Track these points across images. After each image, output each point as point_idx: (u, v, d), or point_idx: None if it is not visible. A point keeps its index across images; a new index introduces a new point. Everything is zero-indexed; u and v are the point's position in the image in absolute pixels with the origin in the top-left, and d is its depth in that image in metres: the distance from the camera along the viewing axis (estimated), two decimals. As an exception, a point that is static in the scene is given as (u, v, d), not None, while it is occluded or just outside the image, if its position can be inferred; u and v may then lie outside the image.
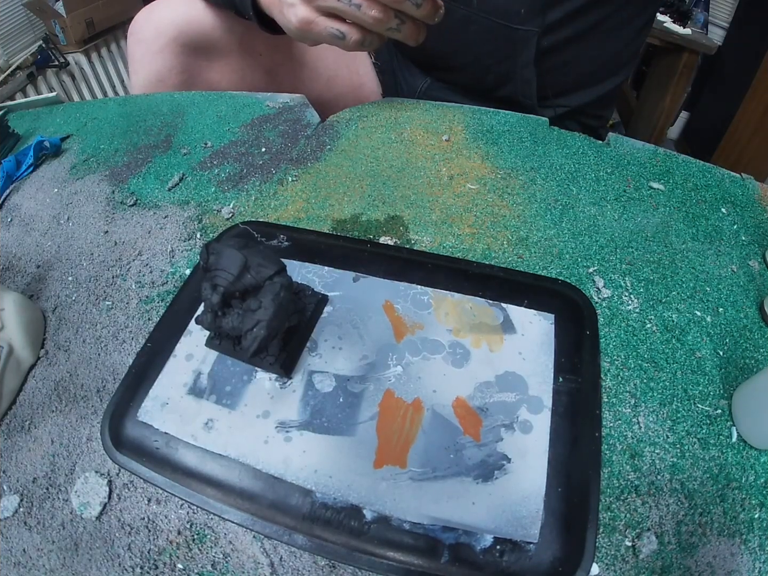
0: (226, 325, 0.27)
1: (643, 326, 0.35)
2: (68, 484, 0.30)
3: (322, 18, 0.42)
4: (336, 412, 0.30)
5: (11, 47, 1.61)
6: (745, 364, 0.34)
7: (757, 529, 0.27)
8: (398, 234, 0.41)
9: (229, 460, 0.28)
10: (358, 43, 0.42)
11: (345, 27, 0.41)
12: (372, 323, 0.33)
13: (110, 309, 0.38)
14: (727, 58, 1.84)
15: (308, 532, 0.26)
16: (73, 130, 0.55)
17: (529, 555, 0.25)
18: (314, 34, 0.43)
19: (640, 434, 0.31)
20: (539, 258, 0.39)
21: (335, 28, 0.42)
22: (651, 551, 0.27)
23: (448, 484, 0.27)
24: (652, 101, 1.91)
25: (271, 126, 0.53)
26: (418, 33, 0.43)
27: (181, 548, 0.27)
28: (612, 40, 0.57)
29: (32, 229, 0.44)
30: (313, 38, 0.44)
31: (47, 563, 0.27)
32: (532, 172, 0.46)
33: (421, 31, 0.43)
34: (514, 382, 0.31)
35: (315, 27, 0.42)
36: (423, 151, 0.49)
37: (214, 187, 0.46)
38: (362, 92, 0.70)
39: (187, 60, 0.58)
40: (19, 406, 0.33)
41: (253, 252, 0.27)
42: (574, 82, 0.61)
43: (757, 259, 0.40)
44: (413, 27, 0.42)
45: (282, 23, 0.46)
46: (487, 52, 0.57)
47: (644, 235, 0.41)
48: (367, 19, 0.40)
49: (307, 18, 0.42)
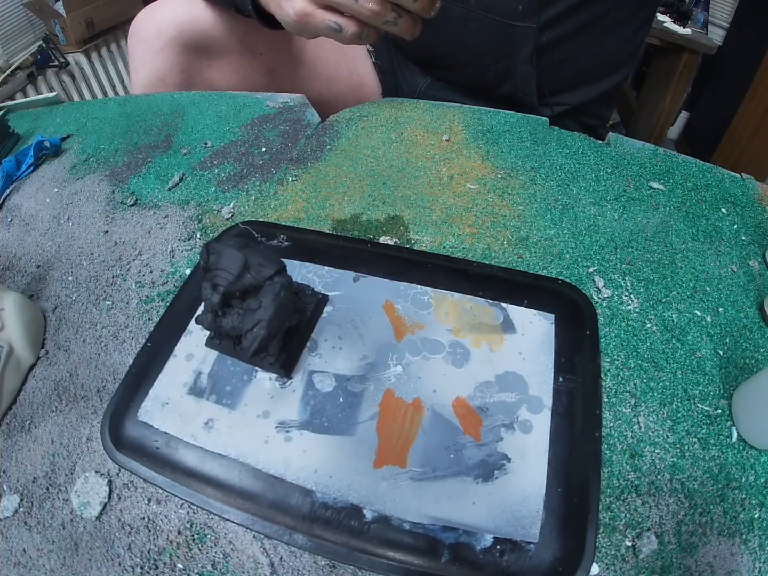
0: (226, 325, 0.27)
1: (643, 326, 0.35)
2: (68, 484, 0.30)
3: (320, 11, 0.42)
4: (336, 412, 0.30)
5: (11, 47, 1.61)
6: (745, 364, 0.34)
7: (757, 529, 0.27)
8: (398, 234, 0.41)
9: (229, 460, 0.28)
10: (355, 36, 0.42)
11: (342, 20, 0.42)
12: (372, 323, 0.33)
13: (110, 309, 0.38)
14: (727, 58, 1.84)
15: (308, 531, 0.26)
16: (73, 130, 0.55)
17: (529, 555, 0.25)
18: (312, 27, 0.43)
19: (640, 434, 0.31)
20: (539, 258, 0.39)
21: (332, 21, 0.42)
22: (651, 551, 0.27)
23: (448, 483, 0.27)
24: (652, 101, 1.91)
25: (271, 126, 0.53)
26: (414, 27, 0.43)
27: (181, 548, 0.27)
28: (610, 37, 0.57)
29: (32, 229, 0.44)
30: (310, 31, 0.44)
31: (47, 563, 0.27)
32: (532, 172, 0.46)
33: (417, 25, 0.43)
34: (514, 382, 0.31)
35: (312, 20, 0.42)
36: (423, 151, 0.49)
37: (214, 187, 0.46)
38: (362, 92, 0.70)
39: (188, 59, 0.58)
40: (19, 406, 0.33)
41: (253, 252, 0.27)
42: (573, 80, 0.61)
43: (757, 259, 0.40)
44: (410, 21, 0.42)
45: (280, 17, 0.46)
46: (486, 49, 0.57)
47: (644, 235, 0.41)
48: (365, 12, 0.40)
49: (305, 11, 0.42)
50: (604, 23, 0.55)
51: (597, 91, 0.62)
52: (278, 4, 0.45)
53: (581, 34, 0.55)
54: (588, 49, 0.57)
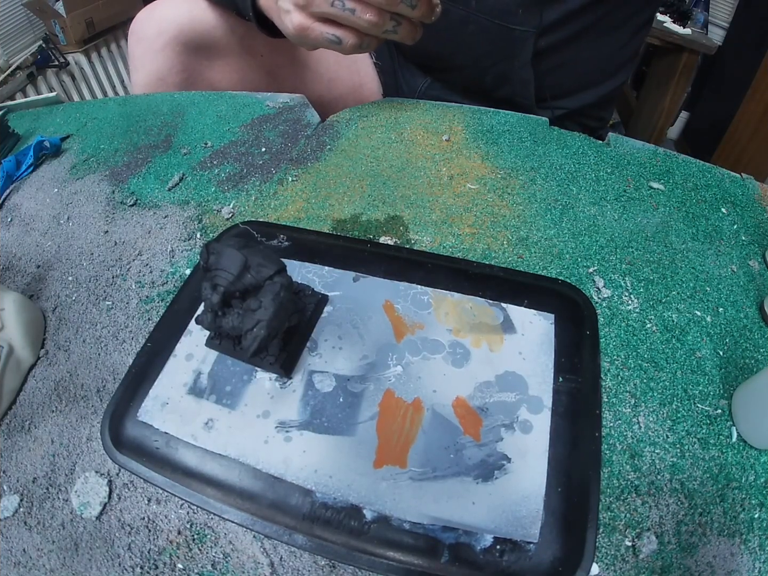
0: (226, 325, 0.27)
1: (643, 326, 0.35)
2: (68, 484, 0.30)
3: (318, 24, 0.42)
4: (336, 412, 0.30)
5: (11, 47, 1.61)
6: (745, 364, 0.34)
7: (757, 529, 0.27)
8: (398, 234, 0.41)
9: (229, 460, 0.28)
10: (355, 47, 0.42)
11: (341, 32, 0.41)
12: (372, 323, 0.33)
13: (110, 309, 0.38)
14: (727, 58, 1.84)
15: (308, 532, 0.26)
16: (73, 130, 0.55)
17: (529, 555, 0.25)
18: (311, 40, 0.43)
19: (640, 434, 0.31)
20: (539, 258, 0.39)
21: (331, 34, 0.41)
22: (651, 551, 0.27)
23: (448, 484, 0.27)
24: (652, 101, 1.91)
25: (271, 126, 0.53)
26: (415, 32, 0.43)
27: (181, 548, 0.27)
28: (609, 41, 0.57)
29: (32, 229, 0.44)
30: (310, 44, 0.44)
31: (47, 563, 0.27)
32: (532, 172, 0.46)
33: (418, 31, 0.43)
34: (514, 382, 0.31)
35: (311, 33, 0.42)
36: (423, 151, 0.49)
37: (214, 187, 0.46)
38: (363, 93, 0.70)
39: (188, 59, 0.58)
40: (19, 406, 0.33)
41: (253, 252, 0.27)
42: (573, 84, 0.61)
43: (757, 259, 0.40)
44: (410, 27, 0.42)
45: (281, 28, 0.46)
46: (485, 52, 0.57)
47: (644, 235, 0.41)
48: (363, 23, 0.40)
49: (303, 25, 0.42)
50: (602, 27, 0.55)
51: (596, 95, 0.62)
52: (278, 16, 0.45)
53: (580, 39, 0.55)
54: (587, 54, 0.57)
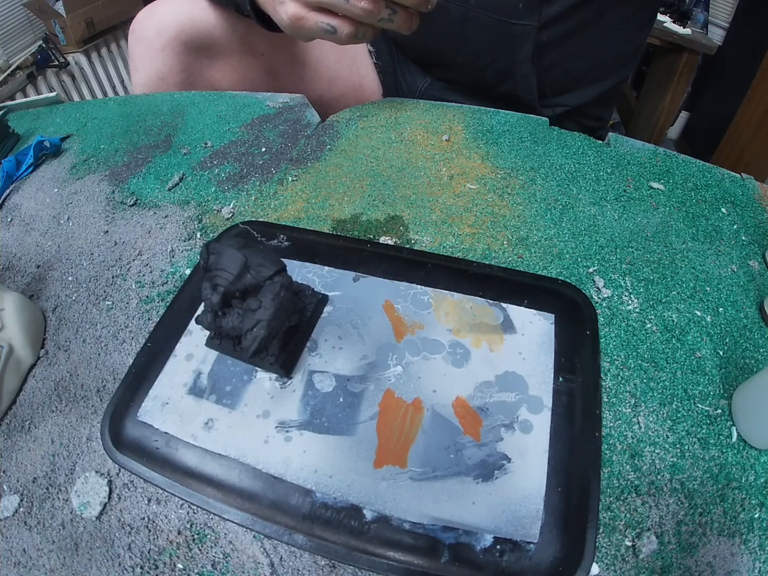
0: (226, 325, 0.27)
1: (643, 326, 0.35)
2: (68, 484, 0.30)
3: (312, 13, 0.41)
4: (336, 412, 0.30)
5: (11, 47, 1.61)
6: (745, 364, 0.34)
7: (757, 529, 0.27)
8: (398, 234, 0.41)
9: (229, 460, 0.28)
10: (350, 36, 0.42)
11: (336, 21, 0.41)
12: (372, 323, 0.33)
13: (110, 309, 0.38)
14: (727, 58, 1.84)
15: (308, 532, 0.26)
16: (73, 130, 0.55)
17: (529, 555, 0.25)
18: (306, 30, 0.43)
19: (640, 434, 0.31)
20: (539, 258, 0.39)
21: (326, 23, 0.41)
22: (651, 551, 0.27)
23: (448, 483, 0.27)
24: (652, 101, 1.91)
25: (271, 126, 0.53)
26: (411, 21, 0.42)
27: (181, 548, 0.27)
28: (611, 36, 0.57)
29: (32, 229, 0.44)
30: (305, 34, 0.44)
31: (47, 563, 0.27)
32: (532, 172, 0.46)
33: (414, 20, 0.42)
34: (514, 382, 0.31)
35: (306, 23, 0.42)
36: (423, 151, 0.49)
37: (214, 187, 0.46)
38: (363, 93, 0.70)
39: (188, 59, 0.58)
40: (19, 406, 0.33)
41: (253, 252, 0.27)
42: (574, 80, 0.61)
43: (757, 259, 0.40)
44: (405, 16, 0.41)
45: (276, 20, 0.46)
46: (486, 48, 0.57)
47: (644, 235, 0.41)
48: (357, 12, 0.39)
49: (297, 14, 0.42)
50: (604, 22, 0.55)
51: (597, 92, 0.62)
52: (273, 8, 0.45)
53: (582, 33, 0.55)
54: (588, 49, 0.57)
